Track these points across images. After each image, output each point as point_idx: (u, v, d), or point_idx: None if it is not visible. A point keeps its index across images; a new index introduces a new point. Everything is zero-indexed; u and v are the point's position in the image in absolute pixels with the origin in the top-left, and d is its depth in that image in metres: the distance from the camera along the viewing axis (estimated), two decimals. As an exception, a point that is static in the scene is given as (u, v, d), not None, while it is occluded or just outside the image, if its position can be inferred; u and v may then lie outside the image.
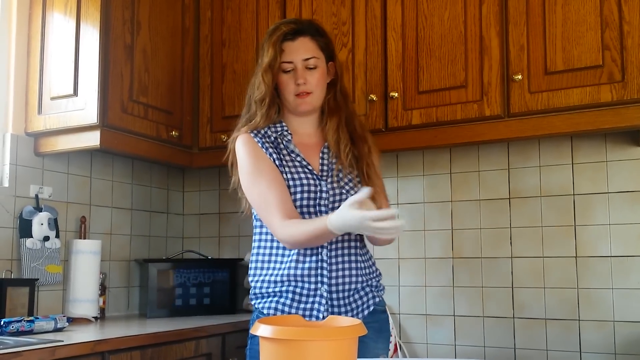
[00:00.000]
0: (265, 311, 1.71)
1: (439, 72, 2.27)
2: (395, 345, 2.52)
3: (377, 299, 1.75)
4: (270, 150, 1.71)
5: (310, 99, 1.72)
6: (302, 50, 1.71)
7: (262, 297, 1.73)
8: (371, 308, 1.73)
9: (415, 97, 2.29)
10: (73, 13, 2.32)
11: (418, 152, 2.61)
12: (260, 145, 1.71)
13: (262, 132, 1.75)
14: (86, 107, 2.26)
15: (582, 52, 2.06)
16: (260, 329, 1.10)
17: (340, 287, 1.66)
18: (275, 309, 1.69)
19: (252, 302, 1.77)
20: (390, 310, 2.57)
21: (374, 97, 2.34)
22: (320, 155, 1.76)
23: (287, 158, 1.71)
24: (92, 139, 2.27)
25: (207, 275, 2.74)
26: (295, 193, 1.66)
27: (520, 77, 2.12)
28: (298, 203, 1.66)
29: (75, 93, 2.29)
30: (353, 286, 1.68)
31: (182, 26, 2.67)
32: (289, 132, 1.76)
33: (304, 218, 1.66)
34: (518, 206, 2.45)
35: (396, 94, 2.31)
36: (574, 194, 2.36)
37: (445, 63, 2.26)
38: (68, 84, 2.31)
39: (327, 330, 1.14)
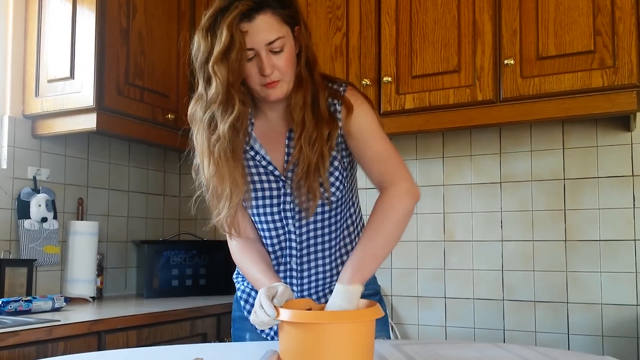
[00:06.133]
0: (239, 293, 1.64)
1: (432, 57, 2.28)
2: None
3: None
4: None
5: (281, 87, 1.38)
6: (263, 32, 1.32)
7: (238, 275, 1.68)
8: None
9: (409, 82, 2.31)
10: (69, -4, 2.33)
11: (411, 136, 2.63)
12: None
13: None
14: (83, 90, 2.28)
15: (574, 37, 2.07)
16: (280, 313, 1.12)
17: (313, 291, 1.53)
18: (248, 293, 1.61)
19: (235, 280, 1.69)
20: (383, 292, 2.61)
21: (367, 81, 2.36)
22: (286, 143, 1.45)
23: (248, 156, 1.46)
24: (89, 122, 2.30)
25: (203, 256, 2.78)
26: (256, 199, 1.47)
27: (512, 62, 2.14)
28: (262, 210, 1.47)
29: (72, 76, 2.31)
30: (327, 288, 1.54)
31: (178, 9, 2.68)
32: (252, 120, 1.47)
33: (269, 225, 1.49)
34: (509, 190, 2.48)
35: (390, 79, 2.32)
36: (564, 179, 2.38)
37: (438, 48, 2.27)
38: (65, 66, 2.33)
39: (345, 313, 1.17)
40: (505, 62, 2.15)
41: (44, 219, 2.40)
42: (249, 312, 1.56)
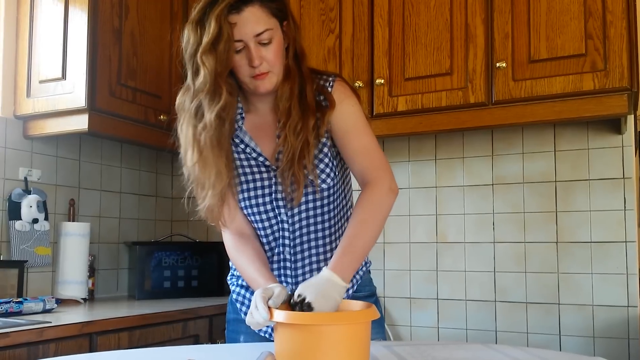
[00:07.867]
0: (234, 295, 1.66)
1: (424, 59, 2.29)
2: (380, 327, 2.57)
3: (350, 291, 1.55)
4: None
5: (270, 79, 1.41)
6: (251, 24, 1.35)
7: (232, 277, 1.70)
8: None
9: (401, 84, 2.32)
10: (61, -4, 2.33)
11: (404, 138, 2.64)
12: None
13: None
14: (74, 91, 2.27)
15: (565, 40, 2.08)
16: (275, 315, 1.13)
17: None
18: (243, 295, 1.63)
19: (229, 282, 1.71)
20: (375, 294, 2.61)
21: (360, 83, 2.36)
22: (277, 134, 1.47)
23: (239, 149, 1.49)
24: (81, 123, 2.29)
25: (195, 258, 2.78)
26: (248, 190, 1.48)
27: (504, 64, 2.15)
28: (254, 201, 1.48)
29: (64, 76, 2.30)
30: None
31: (171, 10, 2.68)
32: (243, 114, 1.49)
33: (261, 216, 1.50)
34: (501, 192, 2.49)
35: (382, 81, 2.33)
36: (555, 181, 2.40)
37: (431, 50, 2.28)
38: (56, 67, 2.32)
39: (341, 314, 1.17)
40: (497, 65, 2.16)
41: (35, 220, 2.39)
42: (246, 314, 1.56)
